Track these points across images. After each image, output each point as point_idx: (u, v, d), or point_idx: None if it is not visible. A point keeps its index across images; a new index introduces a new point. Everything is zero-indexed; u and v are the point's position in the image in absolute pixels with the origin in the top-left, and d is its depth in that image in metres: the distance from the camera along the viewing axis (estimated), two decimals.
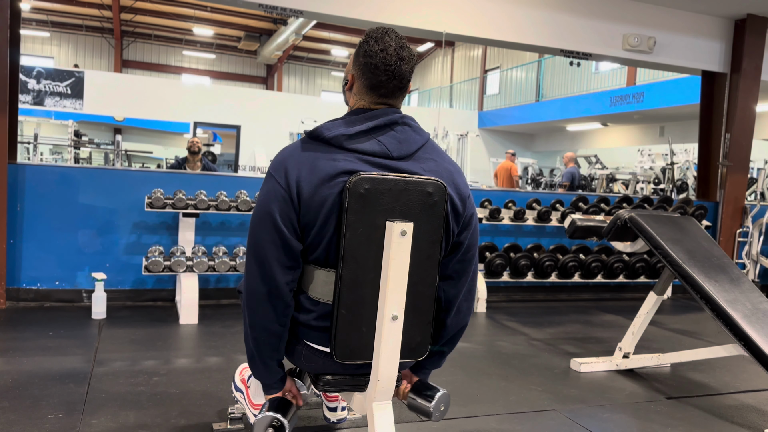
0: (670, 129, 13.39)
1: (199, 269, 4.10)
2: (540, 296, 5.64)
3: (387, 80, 1.60)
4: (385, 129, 1.60)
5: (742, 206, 6.26)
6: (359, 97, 1.66)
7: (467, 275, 1.74)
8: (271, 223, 1.55)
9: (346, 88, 1.72)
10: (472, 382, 3.11)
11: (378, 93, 1.63)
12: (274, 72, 24.30)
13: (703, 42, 6.16)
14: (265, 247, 1.56)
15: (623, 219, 3.30)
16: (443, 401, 1.73)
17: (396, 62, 1.59)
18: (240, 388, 2.34)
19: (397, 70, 1.59)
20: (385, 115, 1.61)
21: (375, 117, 1.61)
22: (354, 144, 1.56)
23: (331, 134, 1.56)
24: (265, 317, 1.58)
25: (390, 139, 1.60)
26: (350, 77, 1.69)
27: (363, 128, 1.58)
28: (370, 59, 1.59)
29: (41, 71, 14.47)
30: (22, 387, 2.69)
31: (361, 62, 1.62)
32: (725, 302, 2.88)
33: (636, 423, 2.71)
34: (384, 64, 1.58)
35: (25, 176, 4.25)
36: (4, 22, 4.12)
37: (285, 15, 5.04)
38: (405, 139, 1.62)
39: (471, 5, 5.39)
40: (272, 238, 1.55)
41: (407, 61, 1.61)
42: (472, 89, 21.00)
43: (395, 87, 1.62)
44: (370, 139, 1.58)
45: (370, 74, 1.61)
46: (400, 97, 1.68)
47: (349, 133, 1.56)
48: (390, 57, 1.58)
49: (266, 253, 1.55)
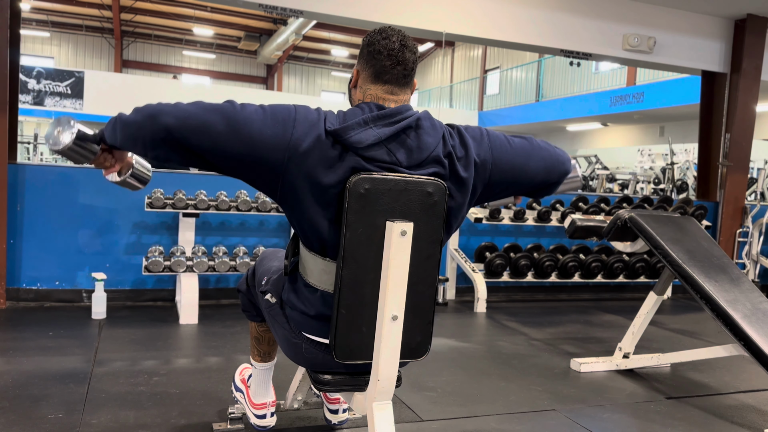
0: (670, 129, 13.40)
1: (199, 269, 4.10)
2: (540, 296, 5.64)
3: (391, 66, 1.59)
4: (398, 136, 1.55)
5: (742, 206, 6.26)
6: (365, 88, 1.63)
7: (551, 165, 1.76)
8: (234, 109, 1.51)
9: (351, 86, 1.70)
10: (472, 382, 3.11)
11: (383, 80, 1.60)
12: (274, 72, 24.32)
13: (703, 42, 6.16)
14: (199, 114, 1.49)
15: (623, 219, 3.30)
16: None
17: (399, 48, 1.59)
18: (240, 388, 2.34)
19: (401, 56, 1.59)
20: (399, 115, 1.55)
21: (389, 118, 1.54)
22: (366, 153, 1.52)
23: (347, 142, 1.50)
24: (152, 128, 1.50)
25: (401, 149, 1.55)
26: (355, 72, 1.67)
27: (375, 140, 1.51)
28: (373, 47, 1.60)
29: (41, 71, 14.48)
30: (22, 387, 2.69)
31: (364, 53, 1.62)
32: (725, 302, 2.88)
33: (636, 423, 2.71)
34: (387, 49, 1.59)
35: (25, 176, 4.25)
36: (4, 22, 4.12)
37: (285, 15, 5.04)
38: (418, 146, 1.56)
39: (471, 5, 5.39)
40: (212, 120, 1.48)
41: (410, 50, 1.61)
42: (472, 89, 21.01)
43: (399, 73, 1.60)
44: (382, 148, 1.53)
45: (373, 60, 1.60)
46: (406, 87, 1.64)
47: (363, 146, 1.51)
48: (393, 44, 1.59)
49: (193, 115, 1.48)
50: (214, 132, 1.48)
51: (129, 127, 1.54)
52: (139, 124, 1.52)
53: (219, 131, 1.48)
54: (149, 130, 1.50)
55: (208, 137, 1.48)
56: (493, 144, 1.68)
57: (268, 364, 2.21)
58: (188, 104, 1.53)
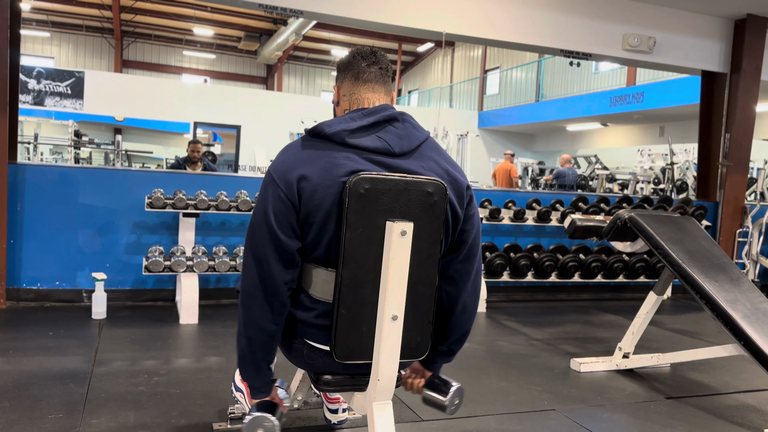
0: (670, 129, 13.39)
1: (199, 269, 4.10)
2: (540, 296, 5.64)
3: (367, 65, 1.70)
4: (384, 125, 1.63)
5: (742, 206, 6.26)
6: (348, 94, 1.72)
7: (469, 275, 1.73)
8: (269, 226, 1.56)
9: (334, 102, 1.80)
10: (472, 382, 3.11)
11: (363, 80, 1.70)
12: (274, 72, 24.30)
13: (703, 42, 6.16)
14: (263, 247, 1.56)
15: (623, 219, 3.30)
16: (458, 395, 1.76)
17: (371, 52, 1.73)
18: (240, 388, 2.33)
19: (374, 58, 1.72)
20: (384, 110, 1.64)
21: (374, 113, 1.63)
22: (355, 140, 1.57)
23: (332, 130, 1.57)
24: (261, 316, 1.59)
25: (390, 135, 1.61)
26: (336, 90, 1.78)
27: (364, 123, 1.59)
28: (347, 59, 1.74)
29: (41, 71, 14.46)
30: (22, 387, 2.69)
31: (342, 68, 1.75)
32: (725, 302, 2.88)
33: (636, 423, 2.71)
34: (360, 54, 1.72)
35: (25, 176, 4.25)
36: (4, 22, 4.12)
37: (285, 15, 5.04)
38: (406, 135, 1.63)
39: (471, 5, 5.39)
40: (271, 239, 1.55)
41: (382, 55, 1.75)
42: (472, 89, 21.00)
43: (377, 73, 1.71)
44: (371, 135, 1.59)
45: (350, 66, 1.71)
46: (386, 86, 1.73)
47: (351, 128, 1.58)
48: (364, 50, 1.74)
49: (264, 253, 1.56)
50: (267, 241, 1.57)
51: (241, 344, 1.66)
52: (256, 313, 1.60)
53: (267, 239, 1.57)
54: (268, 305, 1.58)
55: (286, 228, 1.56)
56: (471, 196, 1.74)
57: None
58: (247, 261, 1.61)
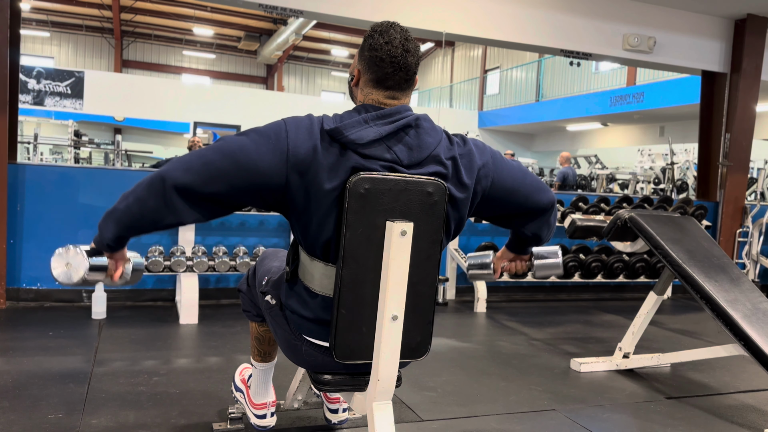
0: (670, 129, 13.40)
1: (199, 269, 4.10)
2: (540, 296, 5.64)
3: (393, 72, 1.57)
4: (398, 134, 1.55)
5: (742, 206, 6.26)
6: (367, 92, 1.62)
7: (550, 228, 1.87)
8: (228, 153, 1.48)
9: (352, 84, 1.69)
10: (472, 382, 3.11)
11: (385, 86, 1.59)
12: (274, 72, 24.31)
13: (703, 42, 6.16)
14: (200, 160, 1.49)
15: (623, 219, 3.30)
16: (558, 253, 2.01)
17: (401, 54, 1.57)
18: (240, 388, 2.34)
19: (403, 62, 1.57)
20: (398, 114, 1.55)
21: (388, 117, 1.54)
22: (366, 150, 1.52)
23: (345, 140, 1.50)
24: (155, 205, 1.52)
25: (401, 146, 1.55)
26: (356, 72, 1.65)
27: (375, 137, 1.52)
28: (375, 52, 1.58)
29: (41, 71, 14.47)
30: (22, 387, 2.69)
31: (366, 56, 1.60)
32: (725, 302, 2.88)
33: (636, 423, 2.71)
34: (389, 56, 1.56)
35: (25, 176, 4.25)
36: (4, 22, 4.12)
37: (285, 15, 5.04)
38: (417, 145, 1.56)
39: (471, 5, 5.39)
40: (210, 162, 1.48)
41: (412, 53, 1.60)
42: (472, 89, 21.01)
43: (401, 79, 1.59)
44: (383, 145, 1.54)
45: (375, 67, 1.58)
46: (408, 90, 1.63)
47: (363, 142, 1.51)
48: (395, 49, 1.56)
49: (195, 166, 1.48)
50: (218, 170, 1.47)
51: (129, 211, 1.54)
52: (141, 200, 1.52)
53: (221, 168, 1.47)
54: (155, 199, 1.50)
55: (217, 179, 1.47)
56: (495, 156, 1.70)
57: (269, 364, 2.21)
58: (180, 158, 1.52)
